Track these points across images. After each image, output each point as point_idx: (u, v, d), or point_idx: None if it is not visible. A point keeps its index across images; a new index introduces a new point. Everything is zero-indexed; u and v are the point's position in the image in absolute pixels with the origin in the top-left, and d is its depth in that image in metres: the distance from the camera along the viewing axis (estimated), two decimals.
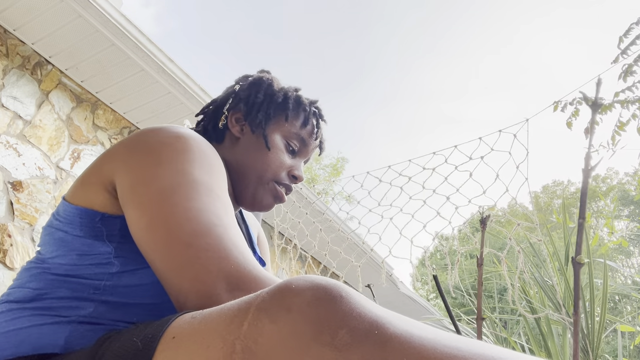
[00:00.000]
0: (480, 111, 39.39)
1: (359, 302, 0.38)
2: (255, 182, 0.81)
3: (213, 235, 0.53)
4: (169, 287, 0.52)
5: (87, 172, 0.65)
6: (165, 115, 2.86)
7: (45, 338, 0.54)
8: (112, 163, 0.62)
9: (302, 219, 2.61)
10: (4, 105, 2.27)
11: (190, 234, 0.52)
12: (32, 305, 0.57)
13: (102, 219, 0.61)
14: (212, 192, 0.58)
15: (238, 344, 0.38)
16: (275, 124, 0.83)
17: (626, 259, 19.22)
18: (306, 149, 0.87)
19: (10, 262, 2.10)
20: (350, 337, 0.36)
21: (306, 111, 0.86)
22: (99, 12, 2.28)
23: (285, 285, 0.40)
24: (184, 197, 0.55)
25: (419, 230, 1.85)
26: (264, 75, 0.89)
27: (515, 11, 37.37)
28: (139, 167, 0.59)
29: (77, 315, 0.56)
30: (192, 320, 0.43)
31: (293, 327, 0.37)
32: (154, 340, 0.42)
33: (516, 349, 2.03)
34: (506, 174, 1.70)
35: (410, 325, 0.38)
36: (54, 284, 0.59)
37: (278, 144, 0.82)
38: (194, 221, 0.53)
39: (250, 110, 0.83)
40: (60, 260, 0.61)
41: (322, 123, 0.90)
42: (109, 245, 0.60)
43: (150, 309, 0.58)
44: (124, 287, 0.58)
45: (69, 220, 0.63)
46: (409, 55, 39.23)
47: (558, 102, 1.30)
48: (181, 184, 0.56)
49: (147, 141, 0.62)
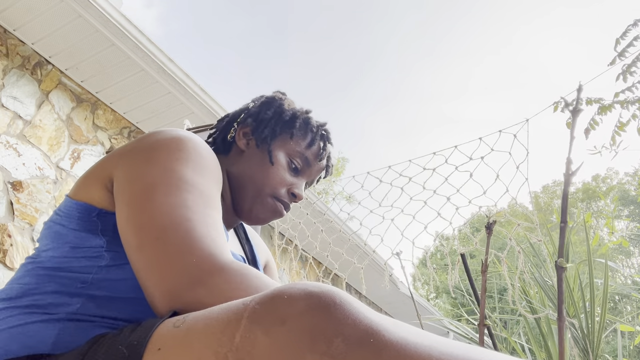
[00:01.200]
0: (480, 111, 39.41)
1: (354, 308, 0.38)
2: (253, 194, 0.81)
3: (182, 228, 0.52)
4: (142, 287, 0.52)
5: (91, 170, 0.67)
6: (165, 115, 2.86)
7: (35, 337, 0.54)
8: (112, 162, 0.64)
9: (303, 220, 2.61)
10: (4, 105, 2.27)
11: (160, 229, 0.52)
12: (21, 303, 0.57)
13: (99, 214, 0.62)
14: (194, 189, 0.58)
15: (230, 357, 0.37)
16: (281, 141, 0.85)
17: (626, 259, 19.22)
18: (310, 169, 0.87)
19: (10, 262, 2.10)
20: (346, 346, 0.35)
21: (313, 132, 0.87)
22: (99, 12, 2.28)
23: (278, 295, 0.39)
24: (162, 193, 0.55)
25: (420, 232, 1.85)
26: (277, 95, 0.91)
27: (515, 11, 37.38)
28: (131, 165, 0.61)
29: (66, 312, 0.56)
30: (176, 331, 0.42)
31: (287, 338, 0.36)
32: (140, 346, 0.42)
33: (516, 349, 2.03)
34: (506, 174, 1.70)
35: (406, 332, 0.37)
36: (43, 279, 0.59)
37: (281, 160, 0.83)
38: (166, 216, 0.53)
39: (258, 126, 0.85)
40: (52, 253, 0.62)
41: (329, 146, 0.90)
42: (101, 238, 0.61)
43: (137, 303, 0.58)
44: (111, 281, 0.59)
45: (67, 214, 0.64)
46: (408, 55, 39.26)
47: (558, 102, 1.30)
48: (164, 180, 0.57)
49: (144, 142, 0.64)
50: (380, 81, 38.44)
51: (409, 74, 40.08)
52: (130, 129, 2.92)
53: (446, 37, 37.80)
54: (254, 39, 38.06)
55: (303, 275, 4.12)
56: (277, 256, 3.78)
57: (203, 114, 2.80)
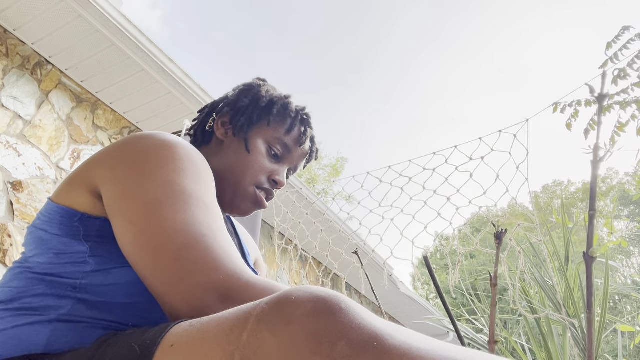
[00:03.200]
0: (480, 111, 39.43)
1: (358, 314, 0.39)
2: (234, 185, 0.80)
3: (202, 246, 0.53)
4: (162, 302, 0.52)
5: (74, 174, 0.65)
6: (165, 115, 2.86)
7: (27, 338, 0.54)
8: (98, 169, 0.62)
9: (303, 219, 2.61)
10: (4, 105, 2.27)
11: (178, 248, 0.52)
12: (13, 306, 0.57)
13: (81, 219, 0.61)
14: (199, 201, 0.58)
15: (237, 355, 0.38)
16: (258, 128, 0.84)
17: (626, 259, 19.21)
18: (290, 155, 0.86)
19: (10, 262, 2.10)
20: (350, 349, 0.36)
21: (292, 117, 0.86)
22: (99, 12, 2.28)
23: (285, 297, 0.40)
24: (171, 209, 0.55)
25: (420, 232, 1.85)
26: (255, 81, 0.90)
27: (515, 11, 37.41)
28: (125, 178, 0.59)
29: (57, 314, 0.56)
30: (190, 329, 0.43)
31: (293, 339, 0.37)
32: (152, 346, 0.42)
33: (516, 349, 2.03)
34: (506, 174, 1.70)
35: (409, 337, 0.38)
36: (33, 283, 0.59)
37: (259, 147, 0.82)
38: (182, 234, 0.53)
39: (236, 115, 0.84)
40: (38, 259, 0.61)
41: (310, 131, 0.89)
42: (84, 244, 0.60)
43: (125, 308, 0.58)
44: (98, 286, 0.58)
45: (49, 218, 0.63)
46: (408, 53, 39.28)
47: (558, 103, 1.30)
48: (168, 195, 0.56)
49: (133, 150, 0.62)
50: (380, 80, 38.47)
51: (409, 73, 40.12)
52: (130, 129, 2.92)
53: (446, 37, 37.84)
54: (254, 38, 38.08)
55: (303, 275, 4.12)
56: (277, 256, 3.78)
57: None
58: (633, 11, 5.33)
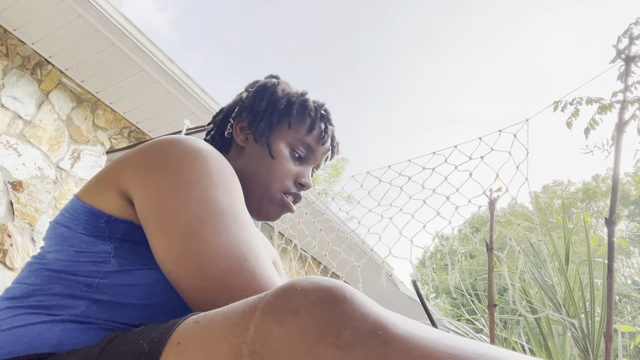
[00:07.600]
0: (480, 111, 39.40)
1: (363, 303, 0.39)
2: (261, 192, 0.79)
3: (247, 271, 0.54)
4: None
5: (103, 174, 0.65)
6: (165, 115, 2.86)
7: (38, 337, 0.54)
8: (130, 173, 0.61)
9: (302, 219, 2.61)
10: (4, 105, 2.27)
11: (224, 272, 0.53)
12: (26, 303, 0.58)
13: (108, 220, 0.61)
14: (237, 220, 0.58)
15: (245, 348, 0.38)
16: (279, 131, 0.82)
17: (626, 259, 19.21)
18: (314, 155, 0.84)
19: (10, 262, 2.10)
20: (354, 338, 0.36)
21: (311, 116, 0.84)
22: (99, 12, 2.28)
23: (290, 287, 0.40)
24: (213, 230, 0.55)
25: (419, 230, 1.85)
26: (269, 81, 0.88)
27: (515, 11, 37.40)
28: (161, 188, 0.58)
29: (70, 314, 0.56)
30: (195, 326, 0.43)
31: (300, 328, 0.37)
32: (161, 344, 0.42)
33: (516, 349, 2.03)
34: (506, 174, 1.70)
35: (413, 326, 0.38)
36: (49, 280, 0.59)
37: (283, 151, 0.81)
38: (227, 258, 0.54)
39: (254, 119, 0.82)
40: (57, 255, 0.61)
41: (331, 127, 0.87)
42: (109, 244, 0.60)
43: (141, 310, 0.59)
44: (117, 286, 0.59)
45: (74, 216, 0.63)
46: (407, 53, 39.25)
47: (558, 102, 1.30)
48: (209, 215, 0.56)
49: (166, 157, 0.61)
50: (379, 80, 38.47)
51: (408, 73, 40.10)
52: (130, 128, 2.92)
53: (446, 37, 37.82)
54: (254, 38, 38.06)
55: (302, 274, 4.12)
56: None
57: (203, 114, 2.80)
58: (633, 11, 5.33)
